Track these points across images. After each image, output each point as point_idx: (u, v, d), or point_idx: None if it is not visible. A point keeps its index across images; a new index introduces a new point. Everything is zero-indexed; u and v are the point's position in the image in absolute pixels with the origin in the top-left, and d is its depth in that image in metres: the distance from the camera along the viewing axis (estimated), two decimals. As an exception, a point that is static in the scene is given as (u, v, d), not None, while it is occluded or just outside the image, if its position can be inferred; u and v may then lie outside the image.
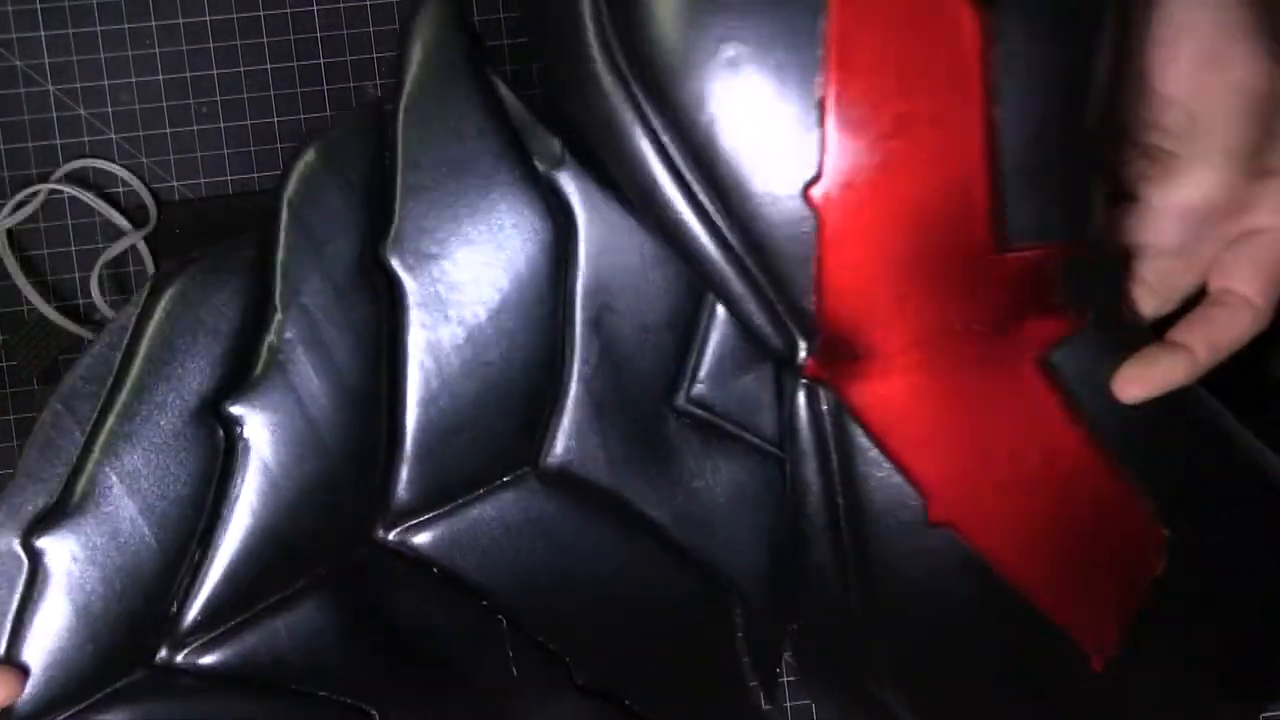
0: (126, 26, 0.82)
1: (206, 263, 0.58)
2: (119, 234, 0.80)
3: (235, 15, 0.82)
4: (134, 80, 0.82)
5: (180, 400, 0.57)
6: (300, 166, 0.58)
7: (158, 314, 0.57)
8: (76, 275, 0.81)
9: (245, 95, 0.83)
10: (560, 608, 0.61)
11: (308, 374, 0.57)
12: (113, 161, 0.81)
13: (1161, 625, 0.60)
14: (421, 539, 0.60)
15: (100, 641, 0.56)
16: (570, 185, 0.59)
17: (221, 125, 0.83)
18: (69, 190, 0.80)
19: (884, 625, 0.59)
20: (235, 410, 0.57)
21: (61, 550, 0.56)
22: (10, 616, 0.56)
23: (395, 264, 0.58)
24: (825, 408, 0.57)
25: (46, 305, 0.81)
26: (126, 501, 0.56)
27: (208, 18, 0.82)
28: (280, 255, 0.58)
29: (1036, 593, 0.58)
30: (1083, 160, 0.55)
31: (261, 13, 0.82)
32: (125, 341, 0.57)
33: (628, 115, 0.54)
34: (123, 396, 0.57)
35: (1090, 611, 0.59)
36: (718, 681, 0.63)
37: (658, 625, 0.62)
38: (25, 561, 0.56)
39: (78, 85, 0.82)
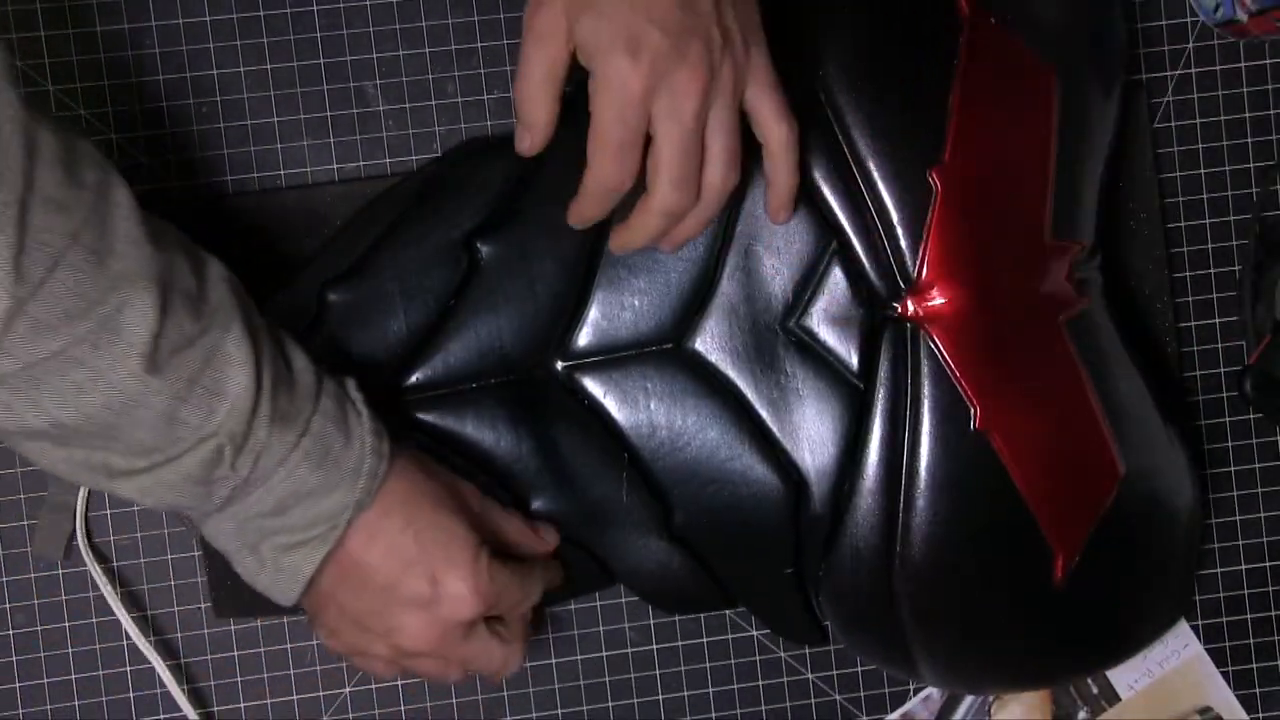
0: (126, 26, 0.82)
1: (489, 141, 0.83)
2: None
3: (235, 15, 0.82)
4: (134, 80, 0.82)
5: (447, 228, 0.79)
6: (564, 98, 0.77)
7: (448, 168, 0.81)
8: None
9: (245, 95, 0.83)
10: (672, 458, 0.79)
11: (537, 236, 0.78)
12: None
13: (1107, 548, 0.78)
14: (583, 375, 0.79)
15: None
16: (749, 149, 0.74)
17: (222, 125, 0.83)
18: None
19: (915, 528, 0.77)
20: (481, 245, 0.78)
21: (341, 300, 0.78)
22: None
23: None
24: (908, 338, 0.76)
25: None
26: (394, 280, 0.78)
27: (208, 18, 0.82)
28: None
29: (1031, 496, 0.77)
30: (1093, 187, 0.80)
31: (261, 13, 0.82)
32: (422, 180, 0.81)
33: (809, 101, 0.75)
34: (414, 216, 0.79)
35: (1063, 518, 0.78)
36: (772, 566, 0.80)
37: (739, 498, 0.79)
38: (315, 304, 0.78)
39: (78, 85, 0.82)
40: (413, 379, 0.78)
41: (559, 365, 0.79)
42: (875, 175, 0.76)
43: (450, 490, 0.74)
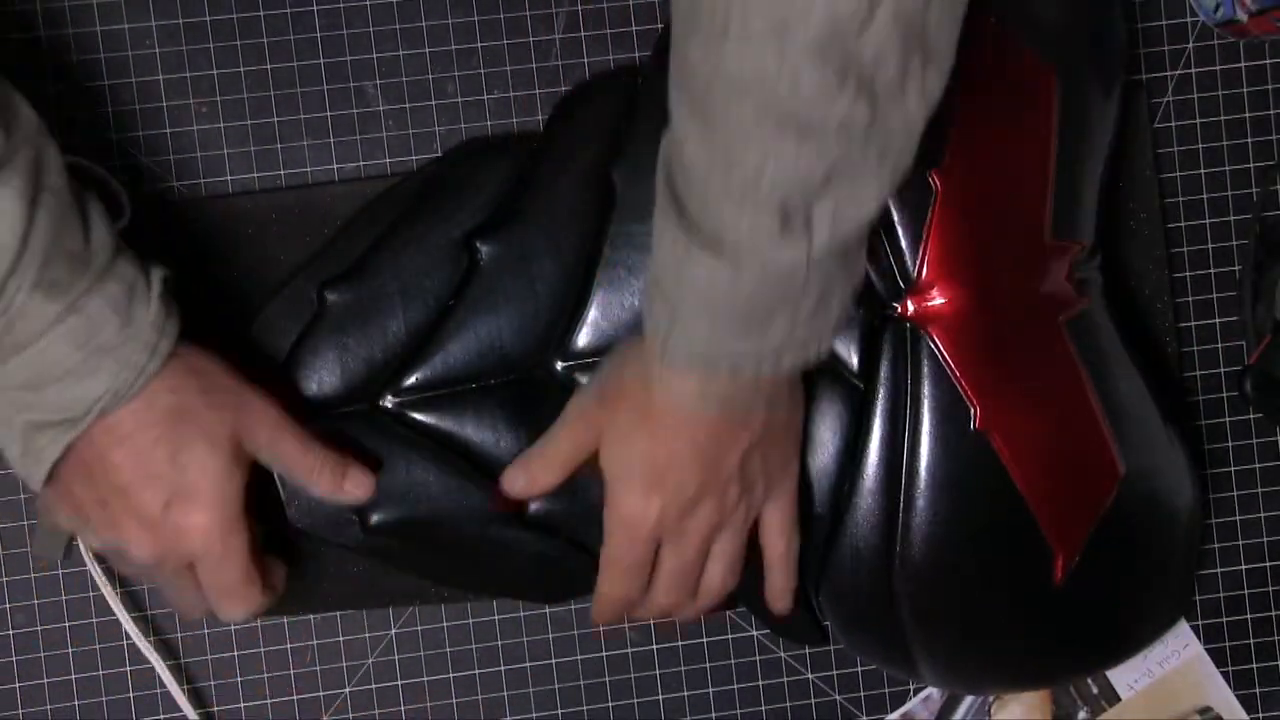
0: (126, 26, 0.82)
1: (489, 141, 0.83)
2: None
3: (235, 15, 0.82)
4: (134, 80, 0.82)
5: (447, 228, 0.79)
6: (564, 98, 0.82)
7: (448, 170, 0.81)
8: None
9: (245, 95, 0.82)
10: None
11: (537, 236, 0.78)
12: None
13: (1107, 548, 0.78)
14: (583, 375, 0.79)
15: (345, 371, 0.78)
16: None
17: (221, 125, 0.82)
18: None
19: (914, 528, 0.77)
20: (481, 245, 0.78)
21: (340, 300, 0.78)
22: (294, 337, 0.78)
23: (617, 178, 0.79)
24: (908, 338, 0.77)
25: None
26: (393, 280, 0.78)
27: (208, 18, 0.82)
28: (542, 148, 0.80)
29: (1031, 496, 0.77)
30: (1093, 187, 0.80)
31: (261, 13, 0.82)
32: (422, 180, 0.81)
33: None
34: (414, 216, 0.79)
35: (1063, 519, 0.77)
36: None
37: None
38: (315, 304, 0.78)
39: (78, 85, 0.82)
40: (412, 379, 0.78)
41: (559, 365, 0.79)
42: None
43: (234, 417, 0.72)
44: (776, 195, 0.61)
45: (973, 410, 0.76)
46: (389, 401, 0.79)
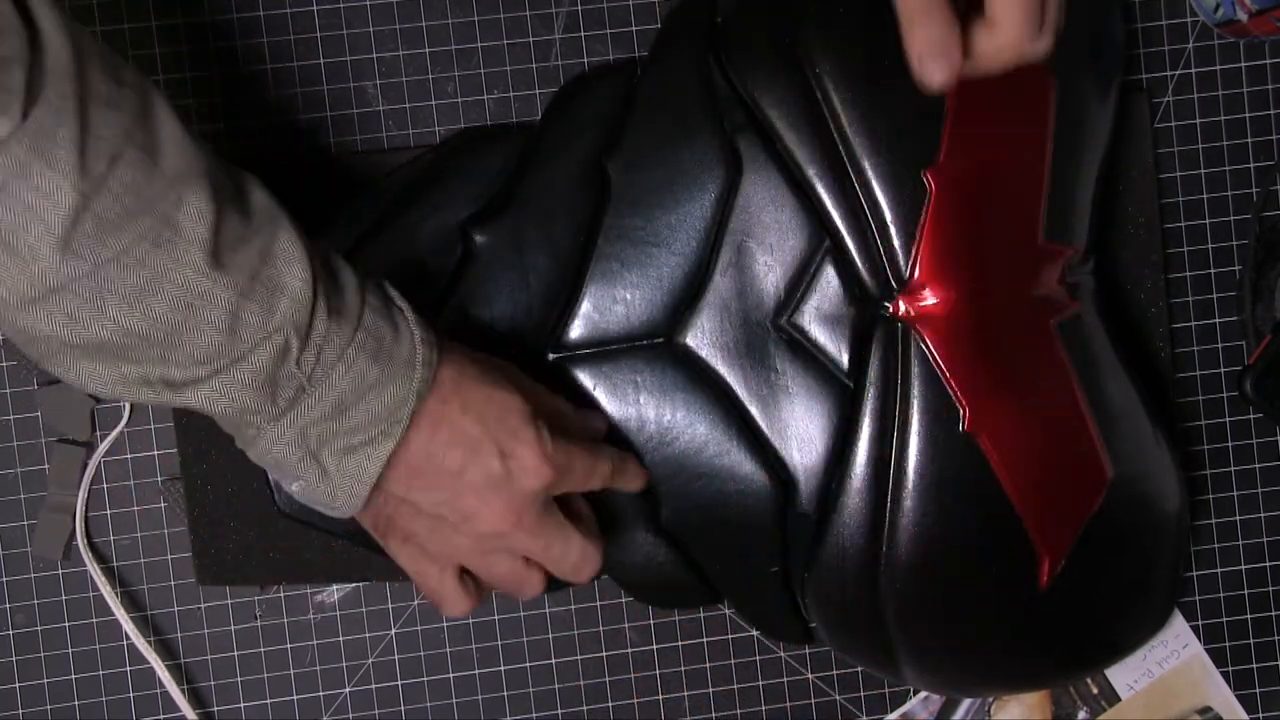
0: (126, 26, 0.82)
1: (486, 130, 0.83)
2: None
3: (235, 15, 0.82)
4: (134, 80, 0.82)
5: (442, 216, 0.80)
6: (562, 88, 0.82)
7: (444, 158, 0.81)
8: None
9: (246, 95, 0.83)
10: (660, 452, 0.80)
11: (531, 227, 0.79)
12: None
13: (1093, 552, 0.79)
14: (573, 367, 0.80)
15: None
16: (745, 146, 0.78)
17: (222, 125, 0.83)
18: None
19: (901, 529, 0.77)
20: (475, 234, 0.79)
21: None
22: None
23: (611, 168, 0.79)
24: (899, 338, 0.76)
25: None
26: (384, 268, 0.75)
27: (207, 18, 0.82)
28: (538, 137, 0.80)
29: (1018, 498, 0.77)
30: (1088, 190, 0.80)
31: (261, 13, 0.83)
32: (418, 168, 0.81)
33: (806, 99, 0.77)
34: (410, 203, 0.80)
35: (1050, 522, 0.78)
36: (758, 564, 0.81)
37: (726, 494, 0.80)
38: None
39: (78, 85, 0.82)
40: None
41: (550, 357, 0.80)
42: (870, 175, 0.76)
43: (495, 366, 0.74)
44: None
45: (962, 412, 0.76)
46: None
